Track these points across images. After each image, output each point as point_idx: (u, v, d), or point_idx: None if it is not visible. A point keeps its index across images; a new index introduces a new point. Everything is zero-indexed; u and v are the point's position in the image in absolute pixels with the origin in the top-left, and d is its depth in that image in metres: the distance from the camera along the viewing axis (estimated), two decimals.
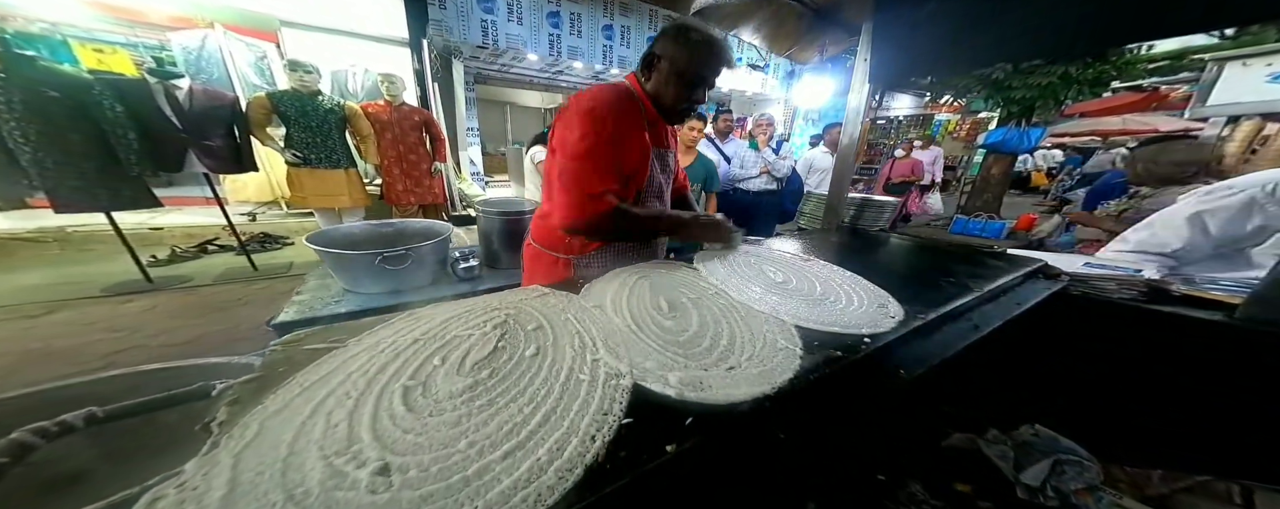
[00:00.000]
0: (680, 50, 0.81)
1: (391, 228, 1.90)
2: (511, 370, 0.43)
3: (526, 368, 0.44)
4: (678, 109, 0.88)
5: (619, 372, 0.46)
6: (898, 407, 0.68)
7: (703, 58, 0.81)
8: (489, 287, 1.71)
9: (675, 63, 0.82)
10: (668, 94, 0.85)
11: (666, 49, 0.82)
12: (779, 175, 3.03)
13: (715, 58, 0.81)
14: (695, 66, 0.82)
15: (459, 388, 0.38)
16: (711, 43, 0.80)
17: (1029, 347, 0.76)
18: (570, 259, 0.99)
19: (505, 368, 0.43)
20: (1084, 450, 0.66)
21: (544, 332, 0.53)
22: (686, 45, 0.80)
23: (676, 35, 0.81)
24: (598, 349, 0.50)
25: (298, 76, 2.52)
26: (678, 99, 0.86)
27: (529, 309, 0.59)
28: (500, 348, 0.47)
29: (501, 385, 0.40)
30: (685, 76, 0.83)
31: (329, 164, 2.84)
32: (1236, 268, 0.96)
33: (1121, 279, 0.89)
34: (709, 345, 0.56)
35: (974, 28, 1.07)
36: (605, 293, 0.72)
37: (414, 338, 0.46)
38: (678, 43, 0.81)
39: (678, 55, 0.81)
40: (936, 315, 0.62)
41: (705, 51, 0.80)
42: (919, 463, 0.71)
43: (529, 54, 5.08)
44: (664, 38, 0.83)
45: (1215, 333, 0.72)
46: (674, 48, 0.81)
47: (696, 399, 0.43)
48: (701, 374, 0.48)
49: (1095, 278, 0.90)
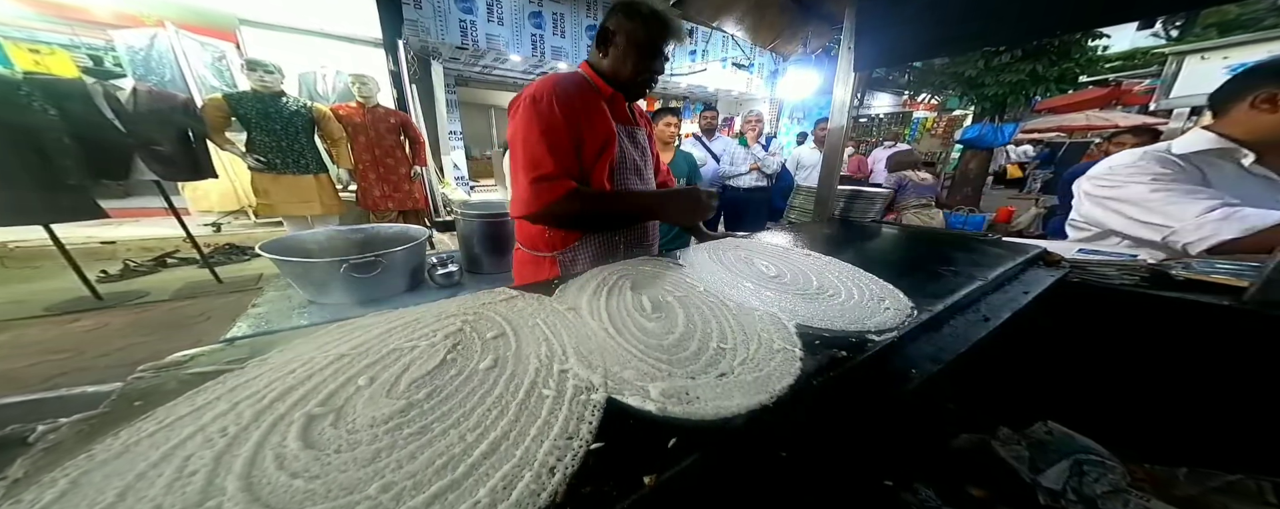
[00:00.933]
0: (633, 23, 0.84)
1: (361, 234, 1.78)
2: (459, 388, 0.35)
3: (479, 384, 0.36)
4: (638, 81, 0.90)
5: (590, 384, 0.39)
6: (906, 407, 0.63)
7: (655, 27, 0.84)
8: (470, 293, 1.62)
9: (631, 35, 0.85)
10: (627, 67, 0.87)
11: (620, 24, 0.85)
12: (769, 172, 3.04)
13: (665, 27, 0.85)
14: (649, 36, 0.85)
15: (385, 414, 0.30)
16: (659, 13, 0.84)
17: (1035, 338, 0.71)
18: (554, 256, 0.96)
19: (451, 386, 0.35)
20: (1103, 449, 0.62)
21: (506, 340, 0.45)
22: (638, 17, 0.84)
23: (626, 10, 0.85)
24: (567, 358, 0.43)
25: (257, 77, 2.38)
26: (638, 70, 0.88)
27: (491, 315, 0.52)
28: (449, 361, 0.39)
29: (443, 407, 0.32)
30: (641, 47, 0.86)
31: (297, 169, 2.69)
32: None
33: (1121, 264, 0.86)
34: (697, 349, 0.49)
35: (958, 11, 1.04)
36: (582, 294, 0.65)
37: (339, 353, 0.37)
38: (629, 17, 0.84)
39: (632, 28, 0.84)
40: (944, 307, 0.57)
41: (656, 22, 0.84)
42: (928, 466, 0.65)
43: (511, 55, 4.98)
44: (615, 14, 0.86)
45: (1226, 318, 0.68)
46: (627, 22, 0.84)
47: (682, 414, 0.36)
48: (688, 383, 0.41)
49: (1094, 263, 0.87)
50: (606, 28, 0.87)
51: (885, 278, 0.69)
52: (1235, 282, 0.71)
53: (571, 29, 5.25)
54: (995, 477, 0.62)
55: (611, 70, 0.89)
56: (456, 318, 0.48)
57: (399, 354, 0.39)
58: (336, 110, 2.92)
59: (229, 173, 3.54)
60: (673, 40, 0.87)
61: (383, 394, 0.32)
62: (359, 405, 0.31)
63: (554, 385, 0.37)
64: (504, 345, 0.44)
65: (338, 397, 0.32)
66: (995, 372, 0.76)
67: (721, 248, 0.88)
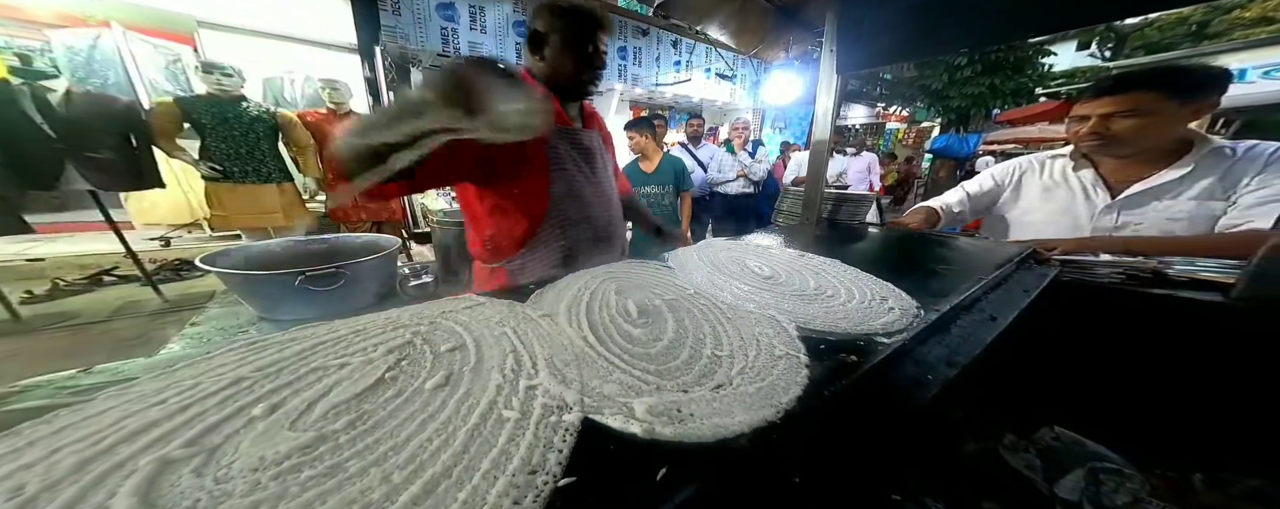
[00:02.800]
0: (560, 21, 0.83)
1: (324, 244, 1.66)
2: (393, 413, 0.28)
3: (421, 407, 0.29)
4: (581, 79, 0.88)
5: (563, 402, 0.32)
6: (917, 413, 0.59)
7: (582, 23, 0.83)
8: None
9: (562, 34, 0.83)
10: (566, 66, 0.86)
11: (547, 24, 0.84)
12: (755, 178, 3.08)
13: (592, 20, 0.84)
14: (579, 32, 0.83)
15: (280, 452, 0.22)
16: (581, 8, 0.83)
17: (1036, 338, 0.69)
18: (502, 266, 0.94)
19: (382, 411, 0.28)
20: (1115, 455, 0.58)
21: (464, 353, 0.38)
22: (563, 15, 0.83)
23: (551, 10, 0.83)
24: (537, 372, 0.36)
25: (214, 80, 2.24)
26: (578, 68, 0.86)
27: (450, 324, 0.44)
28: (387, 380, 0.32)
29: (366, 439, 0.25)
30: (574, 45, 0.84)
31: (257, 178, 2.53)
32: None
33: (1108, 261, 0.85)
34: (689, 357, 0.43)
35: (937, 13, 1.06)
36: (560, 300, 0.58)
37: (237, 377, 0.29)
38: (555, 15, 0.83)
39: (561, 26, 0.83)
40: (950, 307, 0.53)
41: (580, 16, 0.83)
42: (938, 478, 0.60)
43: None
44: (540, 16, 0.85)
45: (1218, 315, 0.67)
46: (554, 20, 0.83)
47: (673, 436, 0.30)
48: (680, 398, 0.35)
49: (1082, 261, 0.86)
50: (536, 30, 0.85)
51: (882, 277, 0.66)
52: (1223, 278, 0.71)
53: None
54: (1008, 488, 0.58)
55: (551, 72, 0.87)
56: (407, 329, 0.41)
57: (322, 374, 0.31)
58: (304, 116, 2.78)
59: (181, 183, 3.30)
60: (603, 32, 0.86)
61: (284, 426, 0.25)
62: (244, 443, 0.23)
63: (518, 405, 0.30)
64: (460, 359, 0.36)
65: (216, 433, 0.24)
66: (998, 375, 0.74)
67: (712, 249, 0.84)
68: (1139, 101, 0.87)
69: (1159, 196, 0.93)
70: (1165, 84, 0.86)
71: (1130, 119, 0.89)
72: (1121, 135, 0.91)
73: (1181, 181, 0.91)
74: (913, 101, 6.83)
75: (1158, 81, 0.87)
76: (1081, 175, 1.03)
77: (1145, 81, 0.88)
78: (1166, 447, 0.60)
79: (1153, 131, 0.89)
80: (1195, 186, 0.90)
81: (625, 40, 5.35)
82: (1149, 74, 0.89)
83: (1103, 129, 0.92)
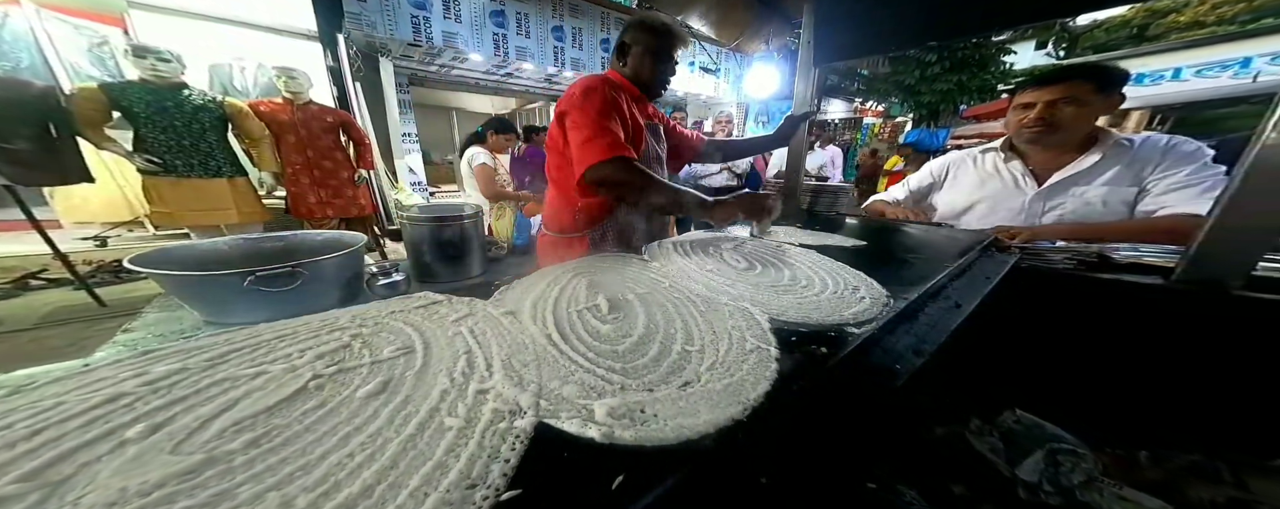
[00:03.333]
0: (647, 35, 1.01)
1: (281, 242, 1.54)
2: (311, 427, 0.24)
3: (347, 419, 0.25)
4: (656, 82, 1.06)
5: (516, 406, 0.29)
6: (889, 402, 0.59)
7: (665, 36, 1.02)
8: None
9: (646, 44, 1.01)
10: (645, 71, 1.03)
11: (636, 37, 1.02)
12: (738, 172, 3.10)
13: (674, 34, 1.03)
14: (661, 43, 1.01)
15: (151, 481, 0.19)
16: (668, 24, 1.03)
17: (998, 324, 0.71)
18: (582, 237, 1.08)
19: (297, 425, 0.24)
20: (1071, 436, 0.61)
21: (409, 356, 0.35)
22: (650, 30, 1.01)
23: (640, 25, 1.02)
24: (491, 375, 0.33)
25: (148, 65, 2.04)
26: (654, 74, 1.04)
27: (398, 325, 0.40)
28: (309, 390, 0.28)
29: (269, 459, 0.21)
30: (655, 54, 1.02)
31: (203, 171, 2.34)
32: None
33: (1060, 248, 0.89)
34: (658, 353, 0.41)
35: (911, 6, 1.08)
36: (526, 297, 0.56)
37: (117, 393, 0.25)
38: (643, 30, 1.01)
39: (647, 38, 1.01)
40: (919, 294, 0.53)
41: (665, 31, 1.02)
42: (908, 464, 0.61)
43: (471, 54, 4.72)
44: (631, 29, 1.03)
45: (1159, 297, 0.71)
46: (642, 34, 1.01)
47: (633, 440, 0.28)
48: (644, 398, 0.33)
49: (1037, 249, 0.90)
50: (624, 42, 1.03)
51: (856, 267, 0.66)
52: (1165, 262, 0.75)
53: (536, 30, 5.07)
54: (974, 471, 0.60)
55: (633, 74, 1.04)
56: (346, 331, 0.37)
57: (229, 386, 0.27)
58: (257, 106, 2.58)
59: (116, 177, 3.03)
60: (681, 47, 1.04)
61: (165, 449, 0.21)
62: (103, 473, 0.19)
63: (464, 411, 0.27)
64: (404, 363, 0.33)
65: (68, 462, 0.20)
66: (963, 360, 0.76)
67: (689, 242, 0.82)
68: (1077, 90, 0.98)
69: (1077, 183, 1.04)
70: (1094, 77, 0.98)
71: (1070, 107, 0.99)
72: (1062, 122, 1.01)
73: (1094, 170, 1.02)
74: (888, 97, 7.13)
75: (1089, 74, 0.98)
76: (1011, 166, 1.14)
77: (1081, 73, 0.99)
78: (1117, 425, 0.63)
79: (1081, 120, 1.01)
80: (1106, 174, 1.01)
81: (608, 33, 5.25)
82: (1082, 68, 1.00)
83: (1049, 115, 1.02)
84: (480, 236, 1.49)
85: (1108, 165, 1.01)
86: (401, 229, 1.83)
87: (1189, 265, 0.69)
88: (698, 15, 1.78)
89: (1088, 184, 1.03)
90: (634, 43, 1.02)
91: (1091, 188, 1.02)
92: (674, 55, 1.04)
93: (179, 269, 1.10)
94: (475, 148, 2.77)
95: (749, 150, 1.50)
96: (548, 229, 1.18)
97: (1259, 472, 0.53)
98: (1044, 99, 1.02)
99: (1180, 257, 0.71)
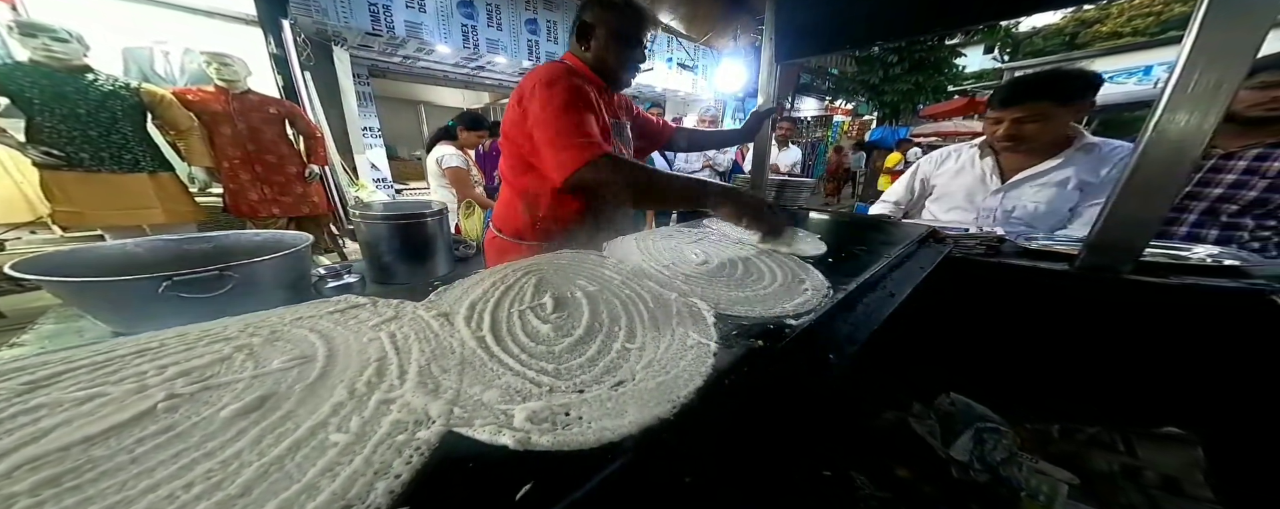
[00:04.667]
0: (610, 14, 0.87)
1: (207, 243, 1.40)
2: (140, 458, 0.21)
3: (198, 444, 0.22)
4: (622, 70, 0.93)
5: (425, 416, 0.27)
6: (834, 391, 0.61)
7: (632, 16, 0.88)
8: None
9: (609, 26, 0.87)
10: (611, 57, 0.90)
11: (598, 16, 0.87)
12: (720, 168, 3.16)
13: (641, 15, 0.89)
14: (628, 25, 0.88)
15: None
16: (633, 3, 0.88)
17: (934, 312, 0.75)
18: (536, 245, 0.96)
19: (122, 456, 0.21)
20: (996, 415, 0.65)
21: (305, 367, 0.32)
22: (614, 8, 0.87)
23: (603, 2, 0.87)
24: (403, 383, 0.31)
25: (39, 44, 1.79)
26: (621, 61, 0.91)
27: (302, 332, 0.37)
28: (157, 412, 0.24)
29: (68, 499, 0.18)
30: (622, 37, 0.88)
31: (117, 165, 2.10)
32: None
33: (981, 237, 0.95)
34: (596, 352, 0.40)
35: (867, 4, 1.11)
36: (466, 297, 0.53)
37: None
38: (607, 7, 0.87)
39: (611, 19, 0.87)
40: (857, 285, 0.55)
41: (632, 11, 0.88)
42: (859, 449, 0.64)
43: (438, 46, 4.48)
44: (592, 7, 0.88)
45: (1065, 282, 0.77)
46: (604, 13, 0.87)
47: (549, 445, 0.26)
48: (571, 400, 0.32)
49: (959, 236, 0.96)
50: (584, 21, 0.88)
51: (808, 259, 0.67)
52: (1069, 250, 0.82)
53: (509, 22, 4.88)
54: (916, 453, 0.63)
55: (596, 61, 0.91)
56: (232, 342, 0.33)
57: (44, 413, 0.23)
58: (183, 94, 2.34)
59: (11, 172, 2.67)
60: (650, 28, 0.92)
61: None
62: None
63: (357, 426, 0.25)
64: (296, 376, 0.30)
65: None
66: (907, 347, 0.79)
67: (651, 237, 0.81)
68: (1037, 109, 1.05)
69: (1032, 182, 1.12)
70: (1052, 92, 1.04)
71: (1033, 123, 1.07)
72: (1027, 135, 1.10)
73: (1053, 171, 1.10)
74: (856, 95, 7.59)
75: (1047, 90, 1.04)
76: (984, 163, 1.23)
77: (1038, 91, 1.05)
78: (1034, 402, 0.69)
79: (1048, 131, 1.08)
80: (1061, 175, 1.09)
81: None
82: (1039, 85, 1.05)
83: (1015, 131, 1.11)
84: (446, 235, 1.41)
85: (1067, 167, 1.08)
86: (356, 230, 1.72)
87: (1088, 252, 0.76)
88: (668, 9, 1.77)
89: (1041, 185, 1.11)
90: (596, 23, 0.87)
91: (1044, 188, 1.10)
92: (643, 39, 0.90)
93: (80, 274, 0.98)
94: (445, 147, 2.63)
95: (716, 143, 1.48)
96: (499, 231, 1.04)
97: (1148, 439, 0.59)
98: (1010, 118, 1.09)
99: (1081, 244, 0.78)
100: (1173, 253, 0.76)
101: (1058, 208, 1.09)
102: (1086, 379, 0.75)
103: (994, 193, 1.19)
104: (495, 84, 5.90)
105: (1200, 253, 0.76)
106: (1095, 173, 1.05)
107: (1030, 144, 1.11)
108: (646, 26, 0.90)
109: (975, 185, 1.23)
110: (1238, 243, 0.98)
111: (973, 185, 1.24)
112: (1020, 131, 1.09)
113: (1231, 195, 0.99)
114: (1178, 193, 0.69)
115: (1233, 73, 0.58)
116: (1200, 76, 0.59)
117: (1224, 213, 1.01)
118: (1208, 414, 0.62)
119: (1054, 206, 1.09)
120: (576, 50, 0.92)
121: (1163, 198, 0.66)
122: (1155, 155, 0.64)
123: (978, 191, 1.22)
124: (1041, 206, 1.11)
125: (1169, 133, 0.63)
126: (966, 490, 0.56)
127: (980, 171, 1.23)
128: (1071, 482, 0.53)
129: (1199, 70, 0.60)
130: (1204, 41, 0.59)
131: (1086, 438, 0.60)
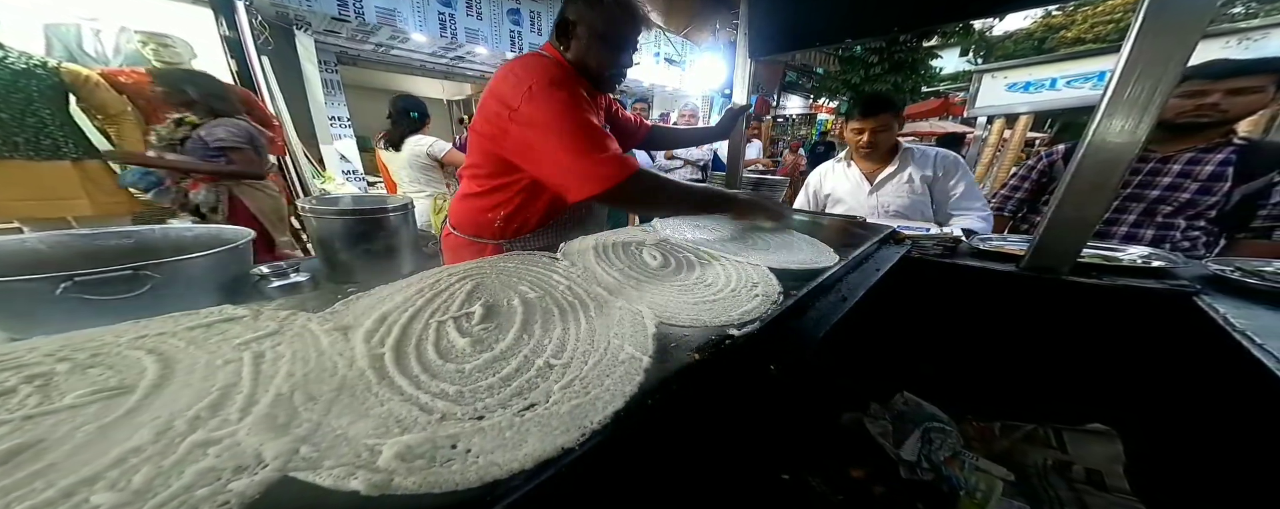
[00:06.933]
0: (595, 12, 0.76)
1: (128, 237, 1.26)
2: None
3: None
4: (606, 76, 0.83)
5: (248, 461, 0.22)
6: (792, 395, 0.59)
7: (620, 16, 0.77)
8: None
9: (593, 26, 0.77)
10: (593, 60, 0.80)
11: (580, 13, 0.77)
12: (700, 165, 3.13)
13: (632, 15, 0.78)
14: (615, 27, 0.77)
15: None
16: (624, 1, 0.77)
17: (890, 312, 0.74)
18: (501, 245, 0.91)
19: None
20: (943, 414, 0.65)
21: (115, 400, 0.26)
22: (600, 6, 0.76)
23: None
24: (244, 418, 0.26)
25: None
26: (604, 64, 0.81)
27: (137, 354, 0.31)
28: None
29: None
30: (608, 39, 0.78)
31: (34, 151, 1.89)
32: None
33: (938, 238, 0.95)
34: (515, 370, 0.36)
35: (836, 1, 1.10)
36: (378, 307, 0.47)
37: None
38: (590, 5, 0.76)
39: (594, 18, 0.76)
40: (808, 291, 0.52)
41: (620, 10, 0.77)
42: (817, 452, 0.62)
43: (413, 34, 4.24)
44: (576, 3, 0.77)
45: (1011, 282, 0.78)
46: (588, 11, 0.76)
47: (415, 488, 0.22)
48: (463, 429, 0.27)
49: (917, 237, 0.95)
50: (566, 18, 0.78)
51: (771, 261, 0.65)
52: (1017, 251, 0.82)
53: (490, 11, 4.65)
54: (869, 454, 0.62)
55: (577, 61, 0.80)
56: (29, 368, 0.27)
57: None
58: (113, 75, 2.12)
59: None
60: (640, 30, 0.81)
61: None
62: None
63: (141, 480, 0.20)
64: (94, 413, 0.24)
65: None
66: (866, 348, 0.79)
67: (611, 239, 0.77)
68: (885, 120, 1.34)
69: (889, 181, 1.40)
70: (894, 106, 1.36)
71: (883, 132, 1.35)
72: (879, 143, 1.37)
73: (896, 173, 1.39)
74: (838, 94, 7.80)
75: (891, 104, 1.35)
76: (851, 171, 1.51)
77: (887, 105, 1.34)
78: (979, 399, 0.69)
79: (889, 139, 1.38)
80: (905, 175, 1.38)
81: None
82: (887, 100, 1.37)
83: (873, 140, 1.37)
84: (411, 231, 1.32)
85: (903, 169, 1.38)
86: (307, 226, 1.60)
87: (1032, 253, 0.77)
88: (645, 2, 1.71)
89: (895, 184, 1.41)
90: (580, 21, 0.77)
91: (898, 186, 1.40)
92: (634, 42, 0.81)
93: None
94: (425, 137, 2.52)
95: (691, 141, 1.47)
96: (455, 229, 0.95)
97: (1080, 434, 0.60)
98: (870, 127, 1.36)
99: (1027, 245, 0.79)
100: (1107, 254, 0.77)
101: (916, 202, 1.36)
102: (1029, 377, 0.76)
103: (869, 194, 1.44)
104: (477, 75, 5.68)
105: (1132, 254, 0.78)
106: (923, 171, 1.35)
107: (879, 151, 1.39)
108: (637, 29, 0.80)
109: (855, 189, 1.49)
110: (1171, 242, 1.04)
111: (853, 189, 1.49)
112: (874, 139, 1.35)
113: (1166, 197, 1.04)
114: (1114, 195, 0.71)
115: (1166, 79, 0.60)
116: (1136, 82, 0.62)
117: (1160, 214, 1.06)
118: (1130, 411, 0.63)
119: (913, 201, 1.36)
120: (557, 46, 0.82)
121: (1101, 199, 0.68)
122: (1096, 158, 0.66)
123: (858, 194, 1.47)
124: (904, 201, 1.37)
125: (1108, 137, 0.64)
126: (913, 489, 0.55)
127: (854, 177, 1.49)
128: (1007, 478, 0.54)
129: (1136, 76, 0.62)
130: (1140, 50, 0.61)
131: (1023, 435, 0.61)
